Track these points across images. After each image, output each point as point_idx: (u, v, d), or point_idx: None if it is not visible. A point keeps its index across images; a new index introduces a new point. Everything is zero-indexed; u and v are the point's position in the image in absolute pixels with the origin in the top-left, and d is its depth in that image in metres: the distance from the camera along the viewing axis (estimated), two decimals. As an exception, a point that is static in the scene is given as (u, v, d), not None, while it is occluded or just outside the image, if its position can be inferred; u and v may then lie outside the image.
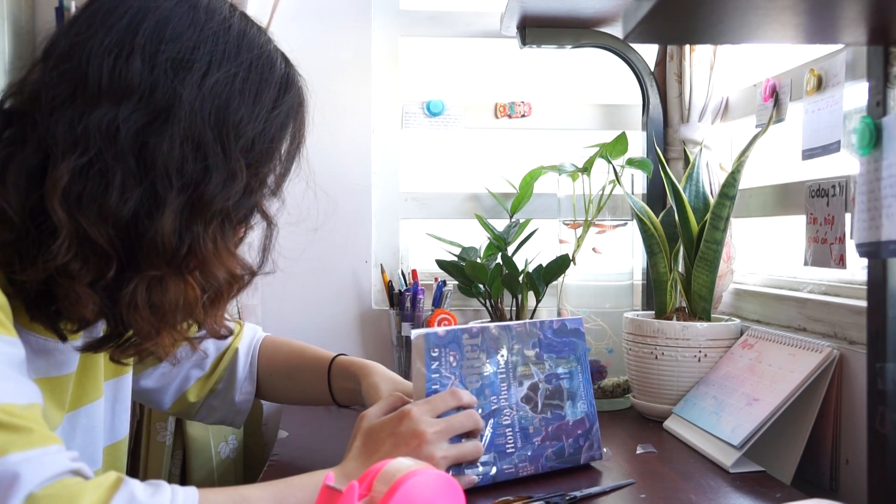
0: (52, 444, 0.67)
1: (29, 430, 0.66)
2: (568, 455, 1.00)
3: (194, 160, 0.76)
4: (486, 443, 0.95)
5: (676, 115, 1.53)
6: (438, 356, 0.95)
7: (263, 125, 0.82)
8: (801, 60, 1.21)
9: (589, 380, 1.06)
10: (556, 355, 1.04)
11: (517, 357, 1.00)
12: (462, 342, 0.97)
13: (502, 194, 1.63)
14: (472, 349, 0.97)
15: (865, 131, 0.87)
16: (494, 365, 0.98)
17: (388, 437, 0.88)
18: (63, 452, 0.67)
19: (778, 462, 1.07)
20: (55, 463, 0.65)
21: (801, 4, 0.73)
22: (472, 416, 0.92)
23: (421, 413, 0.90)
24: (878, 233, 0.85)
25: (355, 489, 0.63)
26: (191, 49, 0.78)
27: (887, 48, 0.90)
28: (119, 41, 0.76)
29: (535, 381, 1.01)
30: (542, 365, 1.02)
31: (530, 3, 1.40)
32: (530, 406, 0.99)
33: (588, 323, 1.41)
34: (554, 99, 1.70)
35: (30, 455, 0.64)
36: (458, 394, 0.93)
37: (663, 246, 1.33)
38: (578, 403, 1.03)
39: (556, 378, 1.03)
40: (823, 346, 1.06)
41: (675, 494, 0.93)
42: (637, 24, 0.78)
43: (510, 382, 0.99)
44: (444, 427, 0.89)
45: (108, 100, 0.75)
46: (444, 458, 0.88)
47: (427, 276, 1.60)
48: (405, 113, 1.66)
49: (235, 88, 0.79)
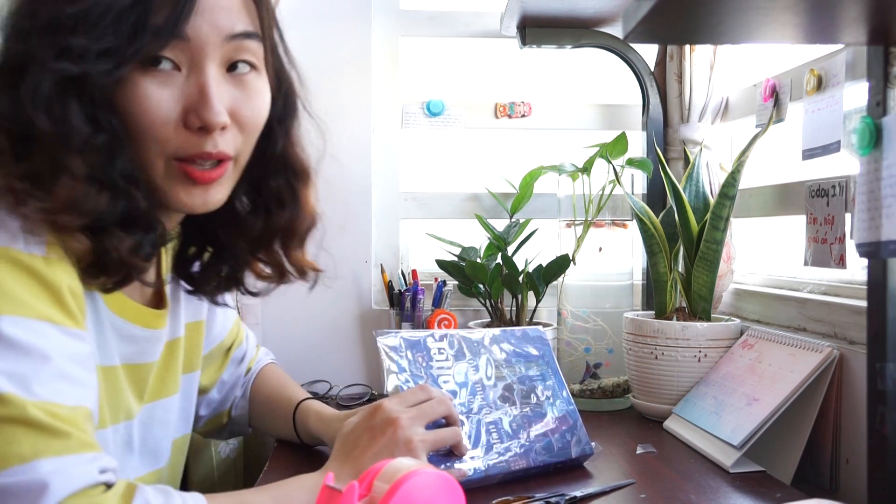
0: (86, 451, 0.67)
1: (67, 434, 0.66)
2: (557, 449, 1.01)
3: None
4: (473, 439, 0.96)
5: (676, 115, 1.53)
6: (404, 357, 0.97)
7: None
8: (801, 60, 1.21)
9: (562, 381, 1.09)
10: (525, 360, 1.07)
11: (486, 361, 1.03)
12: (427, 345, 1.00)
13: (502, 194, 1.63)
14: (439, 352, 1.01)
15: (865, 131, 0.87)
16: (464, 367, 1.01)
17: (364, 432, 0.89)
18: (95, 461, 0.67)
19: (778, 462, 1.07)
20: (84, 473, 0.65)
21: (801, 4, 0.73)
22: (443, 402, 0.93)
23: (393, 404, 0.91)
24: (878, 233, 0.85)
25: (355, 489, 0.63)
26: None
27: (887, 48, 0.90)
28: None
29: (508, 382, 1.04)
30: (512, 368, 1.05)
31: (530, 3, 1.40)
32: (508, 404, 1.01)
33: (588, 323, 1.41)
34: (554, 99, 1.70)
35: (61, 463, 0.64)
36: (427, 388, 0.95)
37: (663, 246, 1.33)
38: (557, 402, 1.06)
39: (530, 380, 1.06)
40: (823, 346, 1.06)
41: (675, 494, 0.93)
42: (637, 24, 0.78)
43: (484, 384, 1.01)
44: (417, 413, 0.90)
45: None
46: (423, 441, 0.88)
47: (427, 276, 1.60)
48: (405, 113, 1.66)
49: None
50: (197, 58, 0.78)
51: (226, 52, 0.80)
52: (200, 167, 0.80)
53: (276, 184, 0.93)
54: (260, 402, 1.18)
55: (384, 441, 0.87)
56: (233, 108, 0.81)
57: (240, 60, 0.81)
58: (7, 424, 0.64)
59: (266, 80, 0.85)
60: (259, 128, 0.85)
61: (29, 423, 0.64)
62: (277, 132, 0.91)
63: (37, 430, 0.65)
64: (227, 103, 0.80)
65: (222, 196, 0.84)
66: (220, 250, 0.97)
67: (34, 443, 0.64)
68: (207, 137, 0.78)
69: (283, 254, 0.96)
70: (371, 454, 0.86)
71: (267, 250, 0.95)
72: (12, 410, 0.64)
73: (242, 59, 0.81)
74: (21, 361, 0.66)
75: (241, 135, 0.82)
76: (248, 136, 0.84)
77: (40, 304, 0.69)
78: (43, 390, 0.66)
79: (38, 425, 0.65)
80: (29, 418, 0.64)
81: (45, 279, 0.70)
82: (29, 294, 0.68)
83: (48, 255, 0.71)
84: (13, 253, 0.69)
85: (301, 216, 0.95)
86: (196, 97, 0.77)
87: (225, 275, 0.98)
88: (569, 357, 1.42)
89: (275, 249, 0.96)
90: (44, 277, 0.70)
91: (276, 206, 0.93)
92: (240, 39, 0.80)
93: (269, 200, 0.93)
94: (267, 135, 0.89)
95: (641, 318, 1.29)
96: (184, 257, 0.99)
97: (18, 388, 0.65)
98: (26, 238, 0.70)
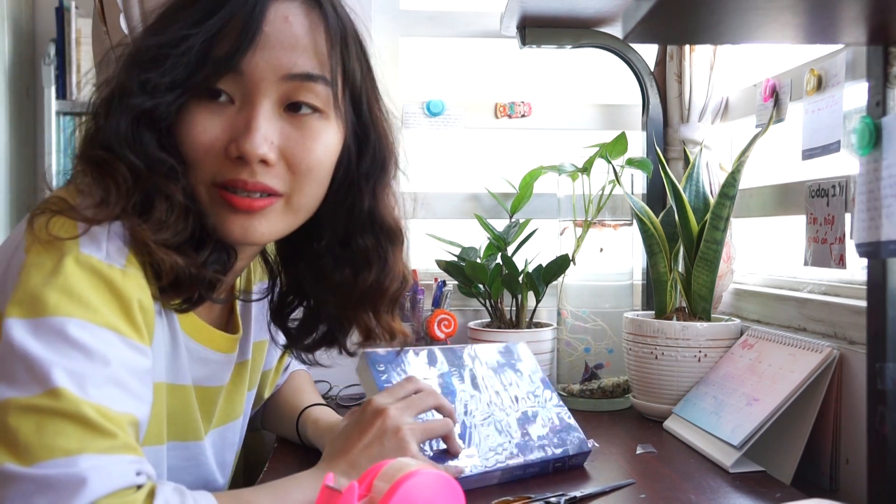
0: (128, 453, 0.68)
1: (113, 434, 0.67)
2: (554, 445, 1.01)
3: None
4: (467, 438, 0.96)
5: (676, 115, 1.53)
6: (385, 370, 0.98)
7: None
8: (801, 60, 1.21)
9: (549, 385, 1.10)
10: (510, 369, 1.09)
11: (471, 370, 1.05)
12: (407, 359, 1.02)
13: (502, 194, 1.63)
14: (419, 365, 1.03)
15: (865, 131, 0.87)
16: (448, 377, 1.03)
17: (353, 428, 0.90)
18: (134, 464, 0.68)
19: (778, 462, 1.07)
20: (122, 473, 0.67)
21: (801, 4, 0.73)
22: (432, 393, 0.94)
23: (381, 397, 0.92)
24: (877, 233, 0.85)
25: (355, 489, 0.63)
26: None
27: (887, 48, 0.90)
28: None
29: (496, 389, 1.05)
30: (497, 377, 1.07)
31: (530, 3, 1.40)
32: (498, 407, 1.02)
33: (588, 323, 1.41)
34: (554, 99, 1.70)
35: (102, 461, 0.66)
36: (414, 379, 0.95)
37: (663, 246, 1.33)
38: (548, 404, 1.07)
39: (517, 384, 1.07)
40: (823, 346, 1.06)
41: (675, 494, 0.93)
42: (637, 24, 0.78)
43: (472, 391, 1.02)
44: (406, 404, 0.91)
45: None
46: (412, 429, 0.88)
47: (427, 276, 1.60)
48: (405, 113, 1.66)
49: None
50: (250, 92, 0.79)
51: (284, 91, 0.80)
52: (242, 195, 0.80)
53: (364, 243, 0.92)
54: (273, 405, 1.20)
55: (373, 432, 0.87)
56: (283, 146, 0.81)
57: (301, 101, 0.81)
58: (58, 417, 0.65)
59: (334, 126, 0.84)
60: (317, 172, 0.84)
61: (78, 419, 0.66)
62: (363, 189, 0.90)
63: (84, 427, 0.66)
64: (277, 140, 0.80)
65: (266, 230, 0.83)
66: (319, 307, 0.98)
67: (81, 438, 0.66)
68: (245, 166, 0.79)
69: (373, 316, 0.96)
70: (361, 446, 0.86)
71: (355, 310, 0.95)
72: (65, 405, 0.66)
73: (303, 100, 0.81)
74: (81, 362, 0.68)
75: (290, 174, 0.82)
76: (302, 177, 0.82)
77: (110, 313, 0.71)
78: (97, 392, 0.68)
79: (87, 422, 0.66)
80: (79, 414, 0.66)
81: (118, 291, 0.72)
82: (101, 302, 0.71)
83: (126, 268, 0.74)
84: (94, 262, 0.72)
85: (390, 278, 0.94)
86: (241, 129, 0.79)
87: (322, 333, 0.99)
88: (569, 357, 1.42)
89: (364, 310, 0.95)
90: (118, 289, 0.72)
91: (362, 265, 0.92)
92: (300, 80, 0.80)
93: (356, 258, 0.92)
94: (352, 189, 0.89)
95: (641, 318, 1.29)
96: (282, 305, 1.00)
97: (74, 385, 0.67)
98: (109, 250, 0.73)
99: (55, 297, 0.69)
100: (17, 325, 0.68)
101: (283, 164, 0.81)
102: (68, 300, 0.69)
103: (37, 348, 0.67)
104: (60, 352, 0.67)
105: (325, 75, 0.82)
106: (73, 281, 0.70)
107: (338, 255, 0.92)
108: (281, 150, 0.81)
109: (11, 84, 1.99)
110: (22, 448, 0.64)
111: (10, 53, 1.98)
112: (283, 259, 1.00)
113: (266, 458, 1.10)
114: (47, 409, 0.65)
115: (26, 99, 2.07)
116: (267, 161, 0.79)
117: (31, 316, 0.68)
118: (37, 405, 0.65)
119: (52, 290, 0.69)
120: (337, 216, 0.90)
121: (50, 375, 0.66)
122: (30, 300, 0.69)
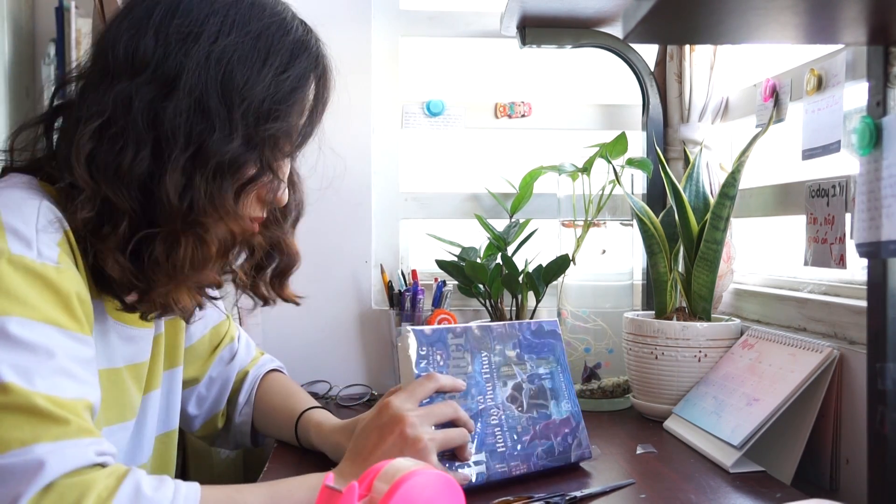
0: (84, 436, 0.70)
1: (66, 421, 0.69)
2: (558, 454, 1.01)
3: (199, 122, 0.82)
4: (477, 442, 0.95)
5: (676, 115, 1.53)
6: (427, 354, 0.96)
7: (272, 87, 0.85)
8: (801, 60, 1.21)
9: (570, 380, 1.07)
10: (537, 356, 1.06)
11: (499, 357, 1.02)
12: (448, 341, 0.98)
13: (502, 194, 1.63)
14: (456, 349, 0.99)
15: (865, 131, 0.87)
16: (479, 365, 1.00)
17: (372, 431, 0.90)
18: (93, 445, 0.70)
19: (778, 462, 1.07)
20: (80, 455, 0.69)
21: (801, 4, 0.73)
22: (451, 405, 0.93)
23: (400, 401, 0.91)
24: (878, 233, 0.85)
25: (355, 489, 0.63)
26: (200, 21, 0.83)
27: (887, 48, 0.90)
28: (136, 22, 0.84)
29: (518, 381, 1.02)
30: (523, 365, 1.04)
31: (530, 3, 1.40)
32: (516, 406, 1.00)
33: (588, 323, 1.41)
34: (554, 99, 1.70)
35: (58, 446, 0.68)
36: (434, 376, 0.94)
37: (663, 246, 1.33)
38: (562, 403, 1.04)
39: (539, 378, 1.04)
40: (823, 346, 1.06)
41: (675, 494, 0.93)
42: (637, 24, 0.78)
43: (494, 383, 1.00)
44: (426, 412, 0.91)
45: (126, 75, 0.82)
46: (432, 439, 0.88)
47: (427, 276, 1.59)
48: (405, 113, 1.66)
49: (242, 54, 0.84)
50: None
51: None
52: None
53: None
54: (263, 411, 1.19)
55: (392, 440, 0.87)
56: None
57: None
58: (9, 411, 0.68)
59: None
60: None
61: (30, 411, 0.68)
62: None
63: (37, 417, 0.68)
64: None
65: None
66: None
67: (34, 428, 0.68)
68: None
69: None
70: (380, 453, 0.87)
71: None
72: (14, 398, 0.68)
73: None
74: (26, 356, 0.70)
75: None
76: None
77: (49, 308, 0.74)
78: (44, 383, 0.70)
79: (39, 412, 0.68)
80: (30, 406, 0.68)
81: (55, 286, 0.75)
82: (39, 299, 0.73)
83: (59, 264, 0.76)
84: (27, 261, 0.74)
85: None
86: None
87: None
88: (569, 357, 1.42)
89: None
90: (54, 284, 0.75)
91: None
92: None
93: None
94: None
95: (641, 318, 1.29)
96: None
97: (21, 379, 0.69)
98: (39, 249, 0.75)
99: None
100: None
101: None
102: (6, 300, 0.71)
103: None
104: (4, 349, 0.69)
105: None
106: (9, 281, 0.72)
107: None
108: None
109: (11, 84, 1.99)
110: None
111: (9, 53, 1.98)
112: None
113: (266, 458, 1.10)
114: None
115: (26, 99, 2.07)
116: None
117: None
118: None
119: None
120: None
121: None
122: None
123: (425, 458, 0.86)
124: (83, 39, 1.96)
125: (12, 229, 0.75)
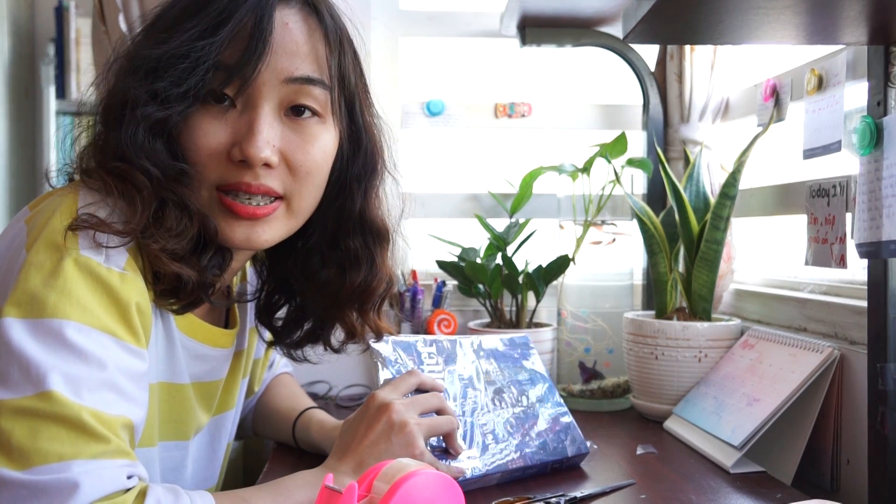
0: (120, 457, 0.68)
1: (106, 439, 0.68)
2: (553, 448, 1.01)
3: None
4: (468, 441, 0.96)
5: (676, 115, 1.53)
6: (397, 361, 0.98)
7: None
8: (801, 60, 1.21)
9: (552, 384, 1.09)
10: (513, 364, 1.08)
11: (476, 365, 1.04)
12: (417, 349, 1.01)
13: (502, 194, 1.63)
14: (429, 356, 1.01)
15: (866, 131, 0.87)
16: (455, 372, 1.02)
17: (360, 423, 0.90)
18: (126, 467, 0.69)
19: (778, 462, 1.07)
20: (114, 478, 0.67)
21: (802, 4, 0.73)
22: (437, 395, 0.94)
23: (385, 392, 0.92)
24: (878, 233, 0.85)
25: (355, 489, 0.63)
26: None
27: (888, 48, 0.90)
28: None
29: (498, 385, 1.04)
30: (501, 372, 1.06)
31: (530, 3, 1.40)
32: (500, 407, 1.01)
33: (588, 323, 1.41)
34: (554, 99, 1.70)
35: (94, 466, 0.66)
36: (415, 372, 0.96)
37: (663, 246, 1.33)
38: (548, 404, 1.06)
39: (519, 384, 1.06)
40: (824, 346, 1.06)
41: (675, 495, 0.93)
42: (637, 24, 0.78)
43: (475, 386, 1.02)
44: (411, 401, 0.91)
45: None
46: (419, 424, 0.88)
47: (427, 276, 1.59)
48: (405, 113, 1.66)
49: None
50: (252, 96, 0.80)
51: (285, 94, 0.81)
52: (245, 202, 0.81)
53: (353, 243, 0.93)
54: (264, 407, 1.19)
55: (380, 427, 0.87)
56: (284, 149, 0.82)
57: (302, 105, 0.82)
58: (52, 421, 0.66)
59: (331, 130, 0.86)
60: (315, 175, 0.85)
61: (72, 424, 0.66)
62: (355, 191, 0.91)
63: (78, 431, 0.66)
64: (278, 143, 0.81)
65: (269, 236, 0.84)
66: (305, 305, 0.99)
67: (74, 443, 0.66)
68: (248, 170, 0.80)
69: (359, 315, 0.97)
70: (368, 442, 0.87)
71: (341, 309, 0.96)
72: (59, 409, 0.66)
73: (303, 103, 0.82)
74: (77, 365, 0.68)
75: (291, 177, 0.83)
76: (301, 180, 0.84)
77: (107, 316, 0.72)
78: (91, 396, 0.68)
79: (81, 427, 0.66)
80: (74, 419, 0.66)
81: (116, 294, 0.73)
82: (98, 305, 0.71)
83: (125, 271, 0.74)
84: (94, 265, 0.72)
85: (377, 279, 0.95)
86: (244, 132, 0.79)
87: (307, 331, 1.00)
88: (569, 357, 1.42)
89: (350, 309, 0.96)
90: (115, 293, 0.73)
91: (350, 265, 0.93)
92: (300, 84, 0.82)
93: (344, 258, 0.93)
94: (343, 191, 0.90)
95: (641, 318, 1.29)
96: (269, 304, 1.01)
97: (69, 390, 0.67)
98: (108, 253, 0.73)
99: (54, 299, 0.69)
100: (14, 325, 0.68)
101: (283, 166, 0.82)
102: (67, 302, 0.69)
103: (33, 350, 0.67)
104: (57, 354, 0.68)
105: (323, 79, 0.83)
106: (73, 283, 0.70)
107: (325, 254, 0.93)
108: (282, 153, 0.82)
109: (11, 84, 1.99)
110: (16, 452, 0.64)
111: (9, 53, 1.98)
112: (271, 257, 1.00)
113: (265, 458, 1.10)
114: (41, 413, 0.65)
115: (26, 99, 2.07)
116: (269, 164, 0.80)
117: (29, 316, 0.68)
118: (29, 408, 0.65)
119: (51, 292, 0.69)
120: (327, 217, 0.91)
121: (45, 378, 0.66)
122: (29, 300, 0.69)
123: (413, 444, 0.86)
124: (82, 39, 1.96)
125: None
